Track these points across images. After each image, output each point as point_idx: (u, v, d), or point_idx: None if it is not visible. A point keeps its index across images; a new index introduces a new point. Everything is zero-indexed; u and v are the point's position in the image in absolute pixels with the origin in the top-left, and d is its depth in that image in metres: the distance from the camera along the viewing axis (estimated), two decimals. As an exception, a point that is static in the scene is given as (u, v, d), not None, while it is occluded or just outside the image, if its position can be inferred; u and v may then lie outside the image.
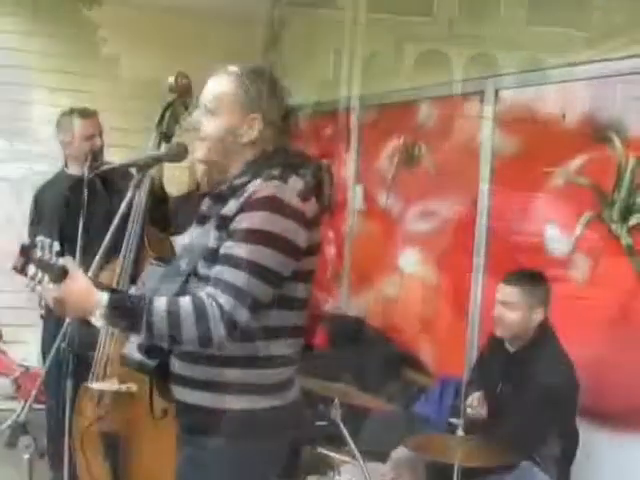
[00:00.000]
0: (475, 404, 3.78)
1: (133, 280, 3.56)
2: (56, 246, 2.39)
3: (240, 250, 2.36)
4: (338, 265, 6.42)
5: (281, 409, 2.50)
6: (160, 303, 2.35)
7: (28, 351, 5.90)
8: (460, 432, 3.40)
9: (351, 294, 6.27)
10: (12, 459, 2.95)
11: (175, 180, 3.97)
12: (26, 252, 2.37)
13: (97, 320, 2.36)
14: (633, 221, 4.04)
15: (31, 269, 2.37)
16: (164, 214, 4.03)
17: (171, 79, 4.03)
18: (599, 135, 4.20)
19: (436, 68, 5.32)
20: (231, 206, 2.42)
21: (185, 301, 2.35)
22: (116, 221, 2.73)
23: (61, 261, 2.39)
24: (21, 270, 2.37)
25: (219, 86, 2.56)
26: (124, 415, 3.75)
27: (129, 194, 2.73)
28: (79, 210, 3.35)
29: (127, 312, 2.38)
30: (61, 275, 2.36)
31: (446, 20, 5.25)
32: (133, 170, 2.76)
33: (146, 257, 3.66)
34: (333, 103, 6.54)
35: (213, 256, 2.42)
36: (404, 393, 4.95)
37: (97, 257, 2.74)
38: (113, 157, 4.30)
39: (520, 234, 4.67)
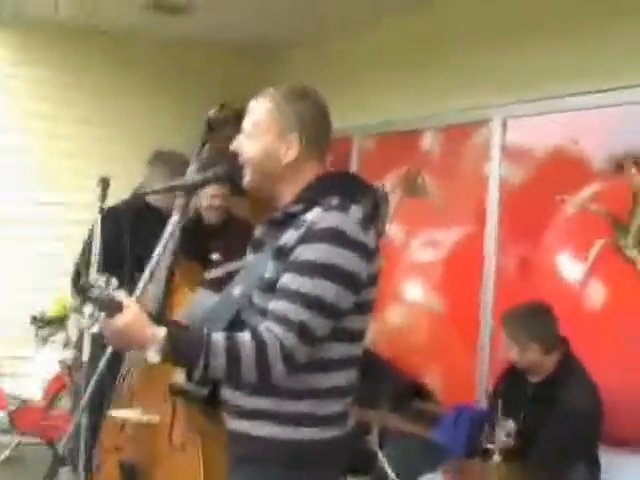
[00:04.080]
0: (506, 436, 3.72)
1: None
2: (114, 282, 2.33)
3: (301, 284, 2.30)
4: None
5: (342, 438, 2.45)
6: (219, 339, 2.28)
7: (24, 384, 5.83)
8: (497, 457, 3.37)
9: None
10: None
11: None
12: (84, 291, 2.32)
13: (153, 356, 2.28)
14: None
15: (88, 308, 2.31)
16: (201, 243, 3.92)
17: (212, 112, 3.98)
18: (613, 163, 4.22)
19: (441, 96, 5.33)
20: (290, 236, 2.36)
21: (245, 339, 2.28)
22: (160, 248, 2.68)
23: (116, 295, 2.32)
24: (79, 310, 2.33)
25: (256, 108, 2.52)
26: (144, 446, 3.69)
27: (174, 217, 2.68)
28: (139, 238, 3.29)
29: (185, 348, 2.30)
30: (115, 309, 2.29)
31: (453, 48, 5.26)
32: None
33: (178, 287, 3.60)
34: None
35: (270, 287, 2.36)
36: (417, 422, 4.90)
37: (140, 284, 2.67)
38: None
39: (530, 262, 4.67)
